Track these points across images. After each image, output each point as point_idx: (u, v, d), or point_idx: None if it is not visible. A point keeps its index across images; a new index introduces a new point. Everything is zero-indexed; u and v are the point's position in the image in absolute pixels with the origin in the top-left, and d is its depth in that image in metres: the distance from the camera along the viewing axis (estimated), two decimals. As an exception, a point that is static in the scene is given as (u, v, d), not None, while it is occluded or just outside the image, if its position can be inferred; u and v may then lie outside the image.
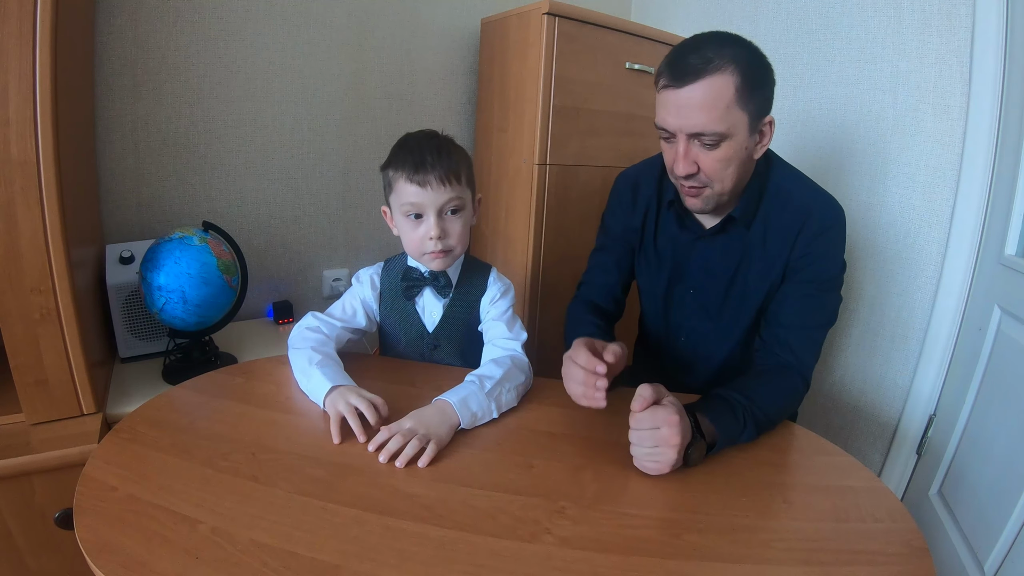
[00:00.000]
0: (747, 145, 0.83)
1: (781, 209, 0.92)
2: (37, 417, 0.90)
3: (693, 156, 0.84)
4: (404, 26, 1.64)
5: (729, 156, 0.83)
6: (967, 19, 1.30)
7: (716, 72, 0.78)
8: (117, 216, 1.33)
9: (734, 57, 0.78)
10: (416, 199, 0.88)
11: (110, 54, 1.25)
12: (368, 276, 1.02)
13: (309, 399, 0.85)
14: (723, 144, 0.81)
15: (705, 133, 0.81)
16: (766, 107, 0.83)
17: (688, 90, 0.79)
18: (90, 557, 0.52)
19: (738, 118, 0.80)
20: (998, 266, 1.25)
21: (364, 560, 0.54)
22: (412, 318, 1.00)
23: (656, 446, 0.70)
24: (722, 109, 0.79)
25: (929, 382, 1.44)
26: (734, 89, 0.78)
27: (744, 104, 0.79)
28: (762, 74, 0.81)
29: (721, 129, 0.80)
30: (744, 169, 0.87)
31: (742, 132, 0.81)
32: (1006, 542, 1.06)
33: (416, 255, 0.95)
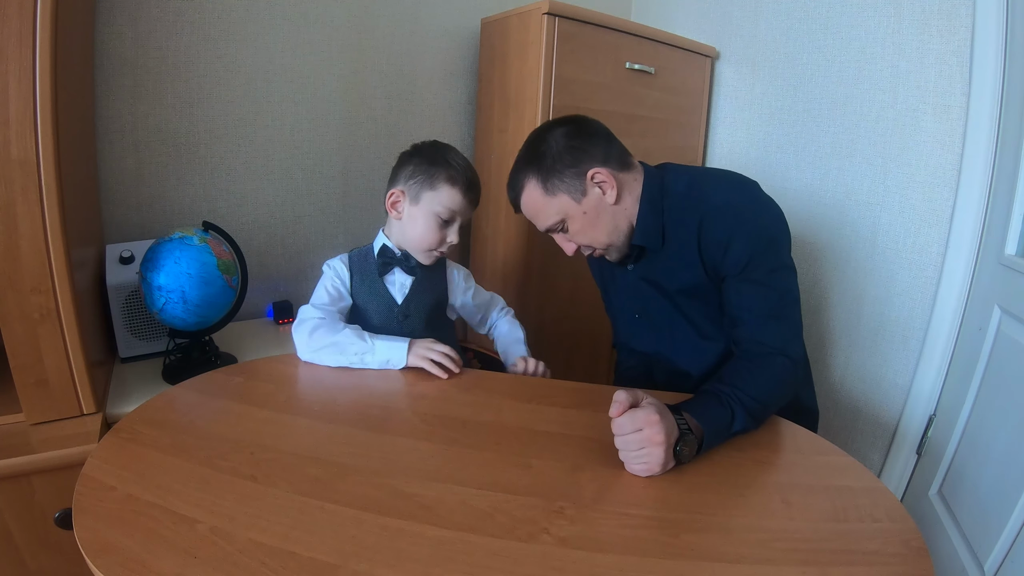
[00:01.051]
0: (585, 209, 0.95)
1: (682, 211, 0.95)
2: (37, 417, 0.90)
3: (565, 240, 1.01)
4: (404, 26, 1.64)
5: (580, 227, 0.96)
6: (967, 19, 1.30)
7: (522, 191, 0.98)
8: (117, 216, 1.33)
9: (526, 166, 0.96)
10: (459, 208, 1.04)
11: (110, 54, 1.25)
12: (336, 263, 1.10)
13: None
14: (568, 224, 0.97)
15: (549, 229, 0.99)
16: (582, 170, 0.93)
17: (522, 211, 1.01)
18: (89, 557, 0.52)
19: (557, 204, 0.95)
20: (998, 266, 1.25)
21: (362, 560, 0.55)
22: (382, 292, 1.09)
23: (642, 448, 0.70)
24: (541, 211, 0.97)
25: (929, 382, 1.44)
26: (539, 191, 0.95)
27: (554, 192, 0.94)
28: (558, 154, 0.93)
29: (554, 221, 0.97)
30: (606, 220, 0.96)
31: (571, 207, 0.95)
32: (1006, 542, 1.06)
33: (420, 247, 1.06)
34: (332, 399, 0.88)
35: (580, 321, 1.75)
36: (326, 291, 1.06)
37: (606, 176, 0.94)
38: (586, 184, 0.94)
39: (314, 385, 0.93)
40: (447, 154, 1.05)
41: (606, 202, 0.95)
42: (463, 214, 1.05)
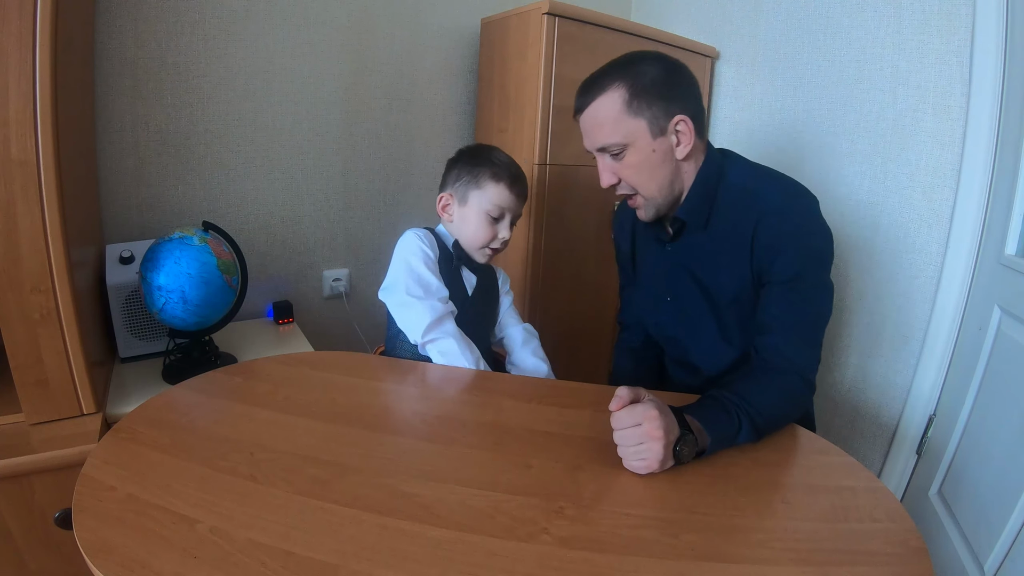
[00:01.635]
0: (655, 148, 0.88)
1: (737, 204, 0.91)
2: (37, 417, 0.90)
3: (610, 168, 0.92)
4: (404, 26, 1.64)
5: (638, 162, 0.89)
6: (967, 19, 1.30)
7: (603, 91, 0.88)
8: (117, 216, 1.33)
9: (621, 74, 0.87)
10: (508, 204, 1.07)
11: (110, 54, 1.25)
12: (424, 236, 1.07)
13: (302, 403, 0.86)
14: (627, 152, 0.89)
15: (606, 146, 0.90)
16: (672, 109, 0.87)
17: (585, 113, 0.91)
18: (89, 556, 0.52)
19: (633, 126, 0.87)
20: (998, 266, 1.24)
21: (361, 560, 0.55)
22: (459, 284, 1.12)
23: (640, 443, 0.70)
24: (612, 122, 0.88)
25: (929, 382, 1.44)
26: (622, 101, 0.87)
27: (636, 112, 0.87)
28: (660, 79, 0.86)
29: (617, 139, 0.88)
30: (664, 172, 0.91)
31: (643, 137, 0.88)
32: (1006, 542, 1.06)
33: (474, 246, 1.09)
34: (332, 399, 0.88)
35: (580, 321, 1.75)
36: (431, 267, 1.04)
37: (689, 129, 0.88)
38: (669, 124, 0.88)
39: (314, 385, 0.93)
40: (490, 153, 1.09)
41: (675, 154, 0.90)
42: (512, 209, 1.08)
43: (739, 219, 0.90)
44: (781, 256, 0.86)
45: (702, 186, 0.93)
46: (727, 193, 0.92)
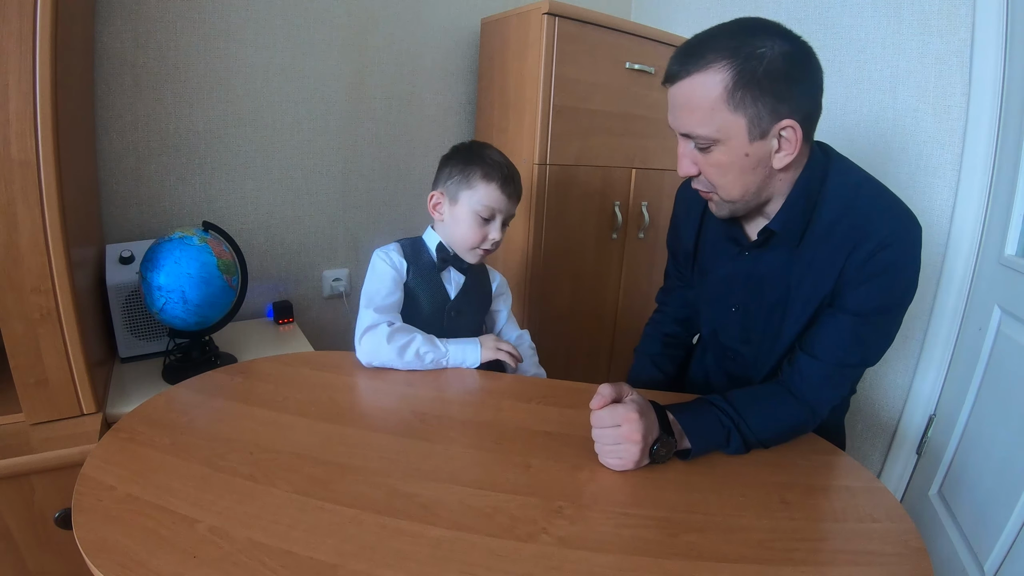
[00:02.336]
0: (749, 152, 0.73)
1: (837, 223, 0.78)
2: (37, 417, 0.90)
3: (692, 157, 0.78)
4: (404, 26, 1.64)
5: (725, 163, 0.75)
6: (967, 19, 1.30)
7: (704, 68, 0.71)
8: (117, 216, 1.33)
9: (733, 51, 0.70)
10: (499, 205, 1.04)
11: (110, 54, 1.25)
12: (393, 253, 1.07)
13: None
14: (715, 149, 0.74)
15: (692, 135, 0.75)
16: (781, 110, 0.71)
17: (677, 86, 0.75)
18: (88, 556, 0.52)
19: (729, 121, 0.72)
20: (998, 266, 1.24)
21: (361, 559, 0.55)
22: (439, 287, 1.10)
23: (618, 443, 0.71)
24: (706, 111, 0.72)
25: (929, 382, 1.44)
26: (722, 88, 0.70)
27: (737, 106, 0.70)
28: (775, 72, 0.69)
29: (706, 132, 0.73)
30: (754, 178, 0.76)
31: (739, 138, 0.72)
32: (1006, 542, 1.06)
33: (465, 247, 1.07)
34: (332, 399, 0.88)
35: (580, 321, 1.75)
36: (386, 282, 1.03)
37: (795, 136, 0.72)
38: (772, 128, 0.72)
39: (314, 385, 0.93)
40: (483, 151, 1.06)
41: (772, 162, 0.75)
42: (503, 210, 1.05)
43: (837, 238, 0.77)
44: (864, 287, 0.76)
45: (801, 197, 0.79)
46: (829, 207, 0.79)
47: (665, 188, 1.85)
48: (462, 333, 1.10)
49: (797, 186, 0.79)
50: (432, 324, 1.08)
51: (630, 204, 1.75)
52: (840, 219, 0.78)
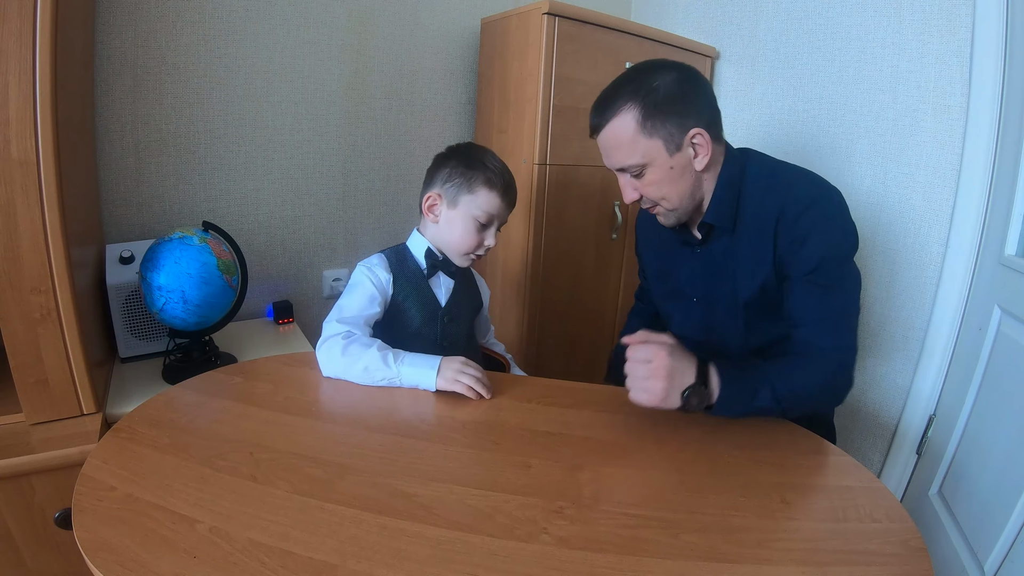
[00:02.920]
0: (672, 165, 0.88)
1: (762, 201, 0.90)
2: (37, 417, 0.90)
3: (632, 185, 0.92)
4: (404, 26, 1.64)
5: (657, 180, 0.89)
6: (967, 19, 1.30)
7: (616, 113, 0.87)
8: (117, 216, 1.33)
9: (633, 93, 0.86)
10: (497, 212, 1.04)
11: (110, 54, 1.25)
12: (376, 266, 1.04)
13: (292, 404, 0.85)
14: (646, 172, 0.89)
15: (625, 167, 0.90)
16: (687, 124, 0.86)
17: (601, 135, 0.91)
18: (88, 556, 0.52)
19: (649, 146, 0.87)
20: (998, 266, 1.24)
21: (361, 560, 0.55)
22: (428, 295, 1.08)
23: (647, 378, 0.76)
24: (628, 145, 0.87)
25: (929, 382, 1.44)
26: (635, 123, 0.86)
27: (651, 133, 0.86)
28: (671, 95, 0.85)
29: (635, 161, 0.88)
30: (685, 184, 0.90)
31: (660, 156, 0.87)
32: (1006, 542, 1.06)
33: (459, 252, 1.06)
34: (332, 399, 0.88)
35: (580, 321, 1.75)
36: (361, 296, 1.00)
37: (705, 140, 0.88)
38: (684, 140, 0.87)
39: (314, 385, 0.93)
40: (484, 156, 1.05)
41: (694, 166, 0.89)
42: (500, 217, 1.06)
43: (763, 212, 0.90)
44: (803, 248, 0.86)
45: (725, 189, 0.92)
46: (751, 191, 0.92)
47: (665, 188, 1.85)
48: (457, 338, 1.09)
49: (720, 180, 0.92)
50: (426, 333, 1.07)
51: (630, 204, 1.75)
52: (763, 198, 0.90)
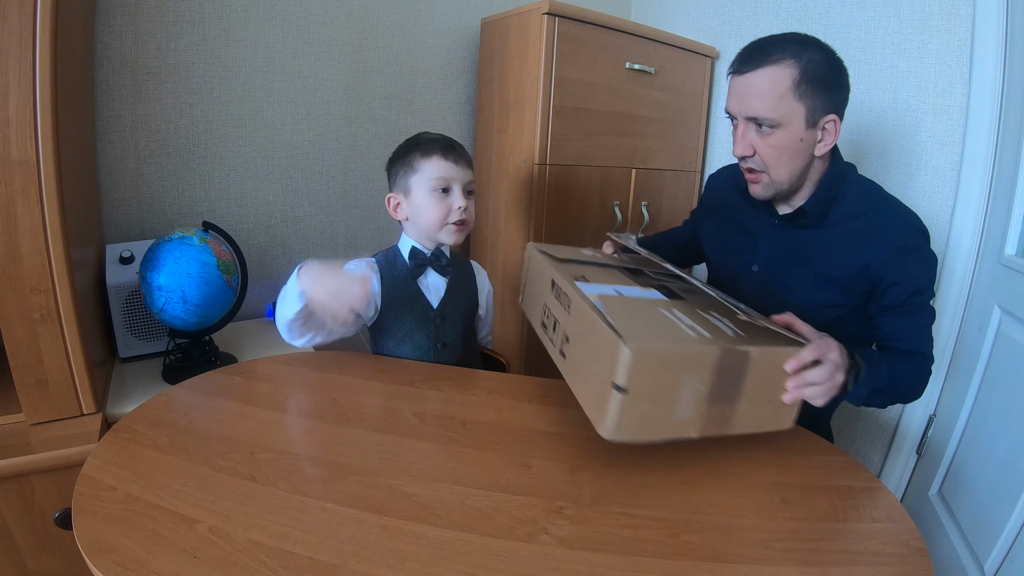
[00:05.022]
0: (803, 137, 0.87)
1: (863, 215, 0.93)
2: (37, 417, 0.90)
3: (750, 140, 0.90)
4: (404, 26, 1.64)
5: (783, 145, 0.88)
6: (967, 19, 1.30)
7: (776, 63, 0.85)
8: (117, 216, 1.33)
9: (797, 52, 0.85)
10: (448, 173, 1.01)
11: (110, 54, 1.25)
12: (365, 264, 1.04)
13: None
14: (777, 131, 0.87)
15: (759, 118, 0.87)
16: (829, 106, 0.87)
17: (747, 76, 0.88)
18: (88, 556, 0.52)
19: (793, 109, 0.85)
20: (998, 266, 1.24)
21: (361, 560, 0.55)
22: (417, 295, 1.06)
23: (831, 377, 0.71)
24: (776, 97, 0.85)
25: (929, 382, 1.44)
26: (791, 80, 0.84)
27: (801, 96, 0.85)
28: (828, 73, 0.85)
29: (774, 116, 0.86)
30: (800, 162, 0.90)
31: (797, 123, 0.86)
32: (1006, 542, 1.06)
33: (437, 228, 1.03)
34: (332, 399, 0.88)
35: (580, 321, 1.75)
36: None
37: (835, 130, 0.89)
38: (820, 120, 0.87)
39: (314, 385, 0.93)
40: (416, 137, 1.05)
41: (815, 150, 0.90)
42: (456, 178, 1.02)
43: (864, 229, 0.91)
44: (895, 287, 0.90)
45: (828, 186, 0.94)
46: (851, 199, 0.94)
47: (665, 188, 1.85)
48: (451, 340, 1.08)
49: (827, 176, 0.94)
50: (418, 335, 1.06)
51: (630, 204, 1.75)
52: (865, 213, 0.92)
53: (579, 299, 0.73)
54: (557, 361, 0.78)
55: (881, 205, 0.94)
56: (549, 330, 0.83)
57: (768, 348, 0.68)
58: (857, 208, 0.93)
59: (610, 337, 0.62)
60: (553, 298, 0.82)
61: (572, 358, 0.74)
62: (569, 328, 0.75)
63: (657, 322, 0.69)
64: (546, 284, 0.86)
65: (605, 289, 0.78)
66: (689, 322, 0.71)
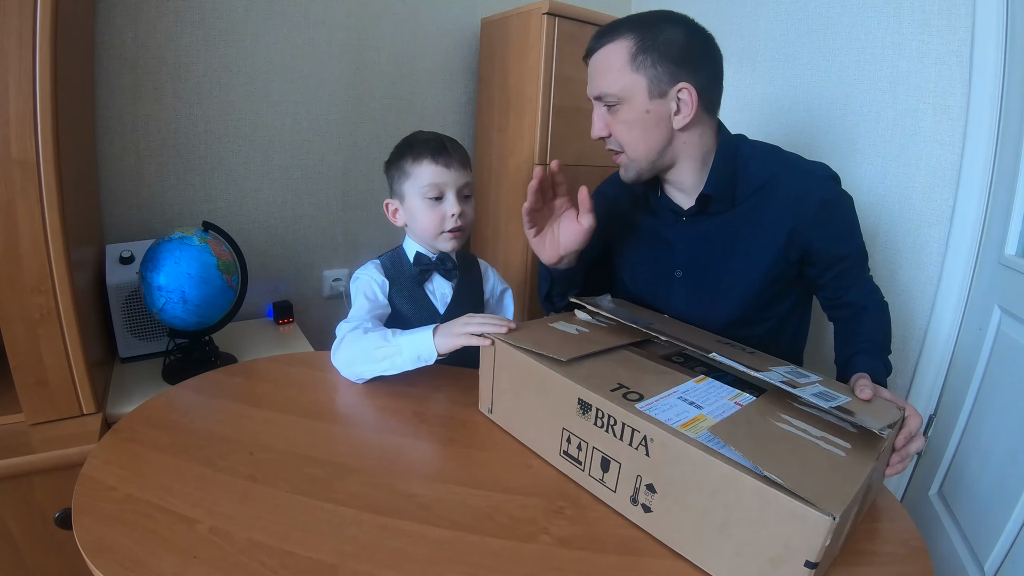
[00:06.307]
0: (648, 109, 0.86)
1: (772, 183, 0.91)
2: (37, 417, 0.90)
3: (604, 120, 0.90)
4: (404, 26, 1.64)
5: (631, 119, 0.87)
6: (967, 19, 1.30)
7: (612, 40, 0.85)
8: (117, 216, 1.33)
9: (635, 28, 0.84)
10: (439, 179, 0.97)
11: (110, 54, 1.25)
12: (372, 271, 1.03)
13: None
14: (621, 107, 0.87)
15: (603, 95, 0.87)
16: (677, 75, 0.84)
17: (592, 58, 0.89)
18: (88, 557, 0.52)
19: (632, 81, 0.84)
20: (998, 266, 1.24)
21: (361, 560, 0.55)
22: (423, 301, 1.04)
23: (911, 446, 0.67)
24: (614, 72, 0.85)
25: (929, 382, 1.44)
26: (627, 54, 0.84)
27: (638, 68, 0.84)
28: (673, 42, 0.83)
29: (614, 91, 0.86)
30: (656, 136, 0.88)
31: (640, 96, 0.85)
32: (1006, 542, 1.05)
33: (432, 236, 1.01)
34: (332, 399, 0.88)
35: (580, 321, 1.75)
36: (365, 298, 0.99)
37: (691, 99, 0.85)
38: (670, 90, 0.84)
39: (314, 385, 0.93)
40: (410, 139, 1.02)
41: (670, 123, 0.87)
42: (449, 183, 0.98)
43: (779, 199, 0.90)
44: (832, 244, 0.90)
45: (723, 162, 0.91)
46: (752, 170, 0.92)
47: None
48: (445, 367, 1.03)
49: (719, 153, 0.92)
50: None
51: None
52: (772, 178, 0.90)
53: (671, 439, 0.56)
54: (624, 509, 0.63)
55: (784, 166, 0.92)
56: (587, 466, 0.66)
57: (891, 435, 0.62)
58: (762, 176, 0.91)
59: (783, 502, 0.48)
60: (592, 426, 0.64)
61: (670, 516, 0.58)
62: (653, 475, 0.59)
63: (798, 452, 0.55)
64: (562, 403, 0.68)
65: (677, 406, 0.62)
66: (816, 431, 0.59)
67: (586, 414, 0.65)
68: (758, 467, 0.50)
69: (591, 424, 0.64)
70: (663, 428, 0.57)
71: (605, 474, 0.64)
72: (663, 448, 0.57)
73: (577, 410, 0.66)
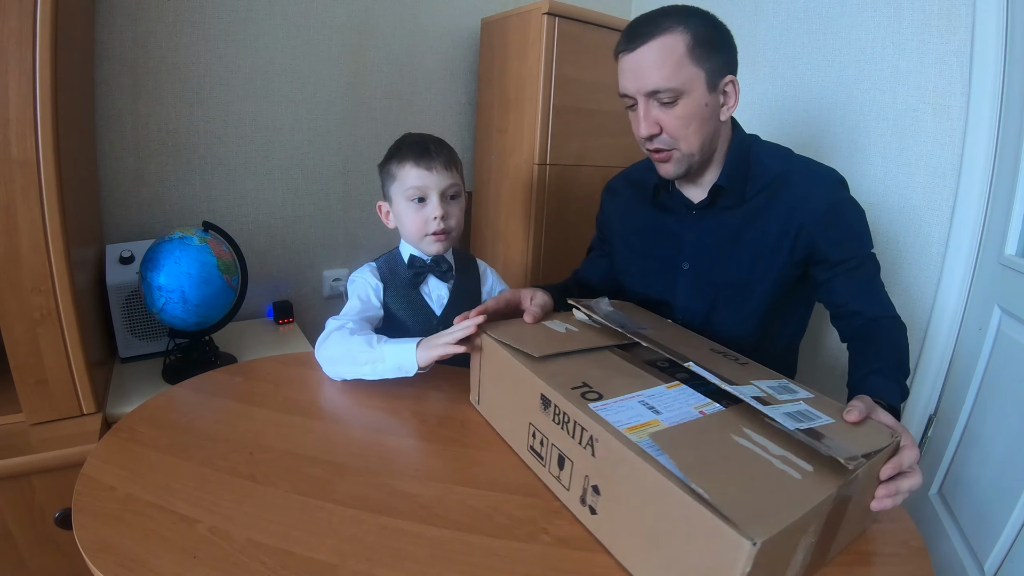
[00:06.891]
0: (707, 102, 0.85)
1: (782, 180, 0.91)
2: (37, 417, 0.90)
3: (654, 117, 0.86)
4: (404, 26, 1.64)
5: (689, 113, 0.85)
6: (967, 19, 1.30)
7: (665, 32, 0.82)
8: (117, 216, 1.33)
9: (683, 20, 0.82)
10: (421, 182, 0.96)
11: (110, 54, 1.25)
12: (366, 274, 1.03)
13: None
14: (681, 101, 0.84)
15: (660, 90, 0.84)
16: (725, 68, 0.85)
17: (640, 51, 0.84)
18: (88, 556, 0.52)
19: (693, 74, 0.83)
20: (998, 266, 1.24)
21: (361, 560, 0.55)
22: (419, 304, 1.03)
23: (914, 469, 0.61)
24: (673, 65, 0.82)
25: (929, 382, 1.44)
26: (685, 46, 0.82)
27: (697, 61, 0.82)
28: (715, 35, 0.84)
29: (675, 84, 0.83)
30: (709, 129, 0.87)
31: (699, 89, 0.84)
32: (1006, 542, 1.05)
33: (417, 239, 1.00)
34: (332, 399, 0.88)
35: (580, 321, 1.75)
36: (357, 299, 0.99)
37: (735, 91, 0.86)
38: (720, 82, 0.85)
39: (314, 385, 0.93)
40: (399, 141, 1.02)
41: (719, 115, 0.87)
42: (431, 185, 0.97)
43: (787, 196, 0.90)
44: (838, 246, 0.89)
45: (738, 155, 0.92)
46: (764, 165, 0.92)
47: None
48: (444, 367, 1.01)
49: (733, 147, 0.92)
50: None
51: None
52: (784, 176, 0.91)
53: (613, 441, 0.54)
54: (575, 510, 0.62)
55: (796, 167, 0.92)
56: (548, 462, 0.66)
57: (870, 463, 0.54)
58: (772, 174, 0.91)
59: (706, 519, 0.44)
60: (551, 423, 0.64)
61: (612, 520, 0.57)
62: (598, 476, 0.57)
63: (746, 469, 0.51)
64: (529, 397, 0.68)
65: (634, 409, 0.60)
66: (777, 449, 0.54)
67: (547, 410, 0.65)
68: (687, 478, 0.47)
69: (551, 420, 0.65)
70: (608, 429, 0.56)
71: (561, 472, 0.64)
72: (607, 449, 0.56)
73: (540, 406, 0.66)
